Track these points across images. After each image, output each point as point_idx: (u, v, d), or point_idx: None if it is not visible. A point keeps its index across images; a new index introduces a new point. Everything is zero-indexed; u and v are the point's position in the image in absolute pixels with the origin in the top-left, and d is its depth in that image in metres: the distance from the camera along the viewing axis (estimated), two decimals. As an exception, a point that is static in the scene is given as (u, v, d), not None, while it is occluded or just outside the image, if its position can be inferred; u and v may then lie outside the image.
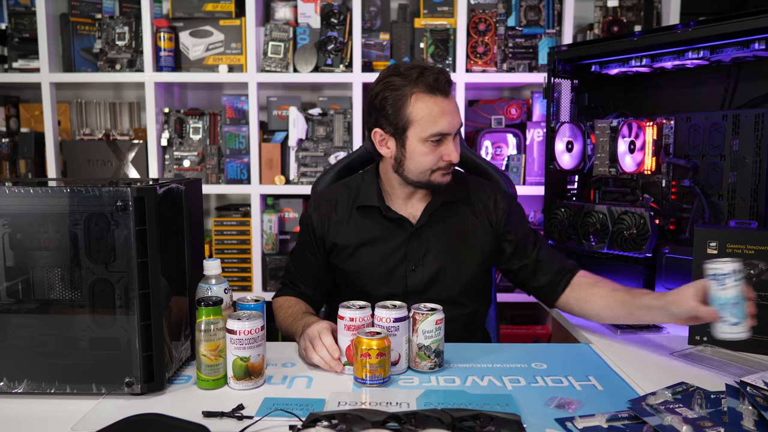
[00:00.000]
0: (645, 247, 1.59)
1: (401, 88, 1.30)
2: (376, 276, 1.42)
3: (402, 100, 1.30)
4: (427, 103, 1.29)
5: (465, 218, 1.45)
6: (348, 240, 1.44)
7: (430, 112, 1.29)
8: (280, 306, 1.46)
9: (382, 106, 1.33)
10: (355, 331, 1.15)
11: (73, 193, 1.04)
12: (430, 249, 1.42)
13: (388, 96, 1.31)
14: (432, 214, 1.42)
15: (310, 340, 1.19)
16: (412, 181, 1.38)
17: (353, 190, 1.47)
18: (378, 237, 1.43)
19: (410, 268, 1.42)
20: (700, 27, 1.49)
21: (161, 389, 1.09)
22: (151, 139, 2.44)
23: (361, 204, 1.44)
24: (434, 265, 1.42)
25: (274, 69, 2.42)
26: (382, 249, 1.43)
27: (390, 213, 1.42)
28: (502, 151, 2.46)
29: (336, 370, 1.16)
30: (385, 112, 1.32)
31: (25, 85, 2.57)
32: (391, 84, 1.31)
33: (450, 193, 1.43)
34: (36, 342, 1.06)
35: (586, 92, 1.90)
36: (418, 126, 1.30)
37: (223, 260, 2.17)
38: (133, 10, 2.50)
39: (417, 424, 0.90)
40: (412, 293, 1.41)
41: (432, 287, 1.42)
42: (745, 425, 0.93)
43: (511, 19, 2.44)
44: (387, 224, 1.43)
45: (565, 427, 0.95)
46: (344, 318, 1.17)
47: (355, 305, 1.19)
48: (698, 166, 1.58)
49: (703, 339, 1.35)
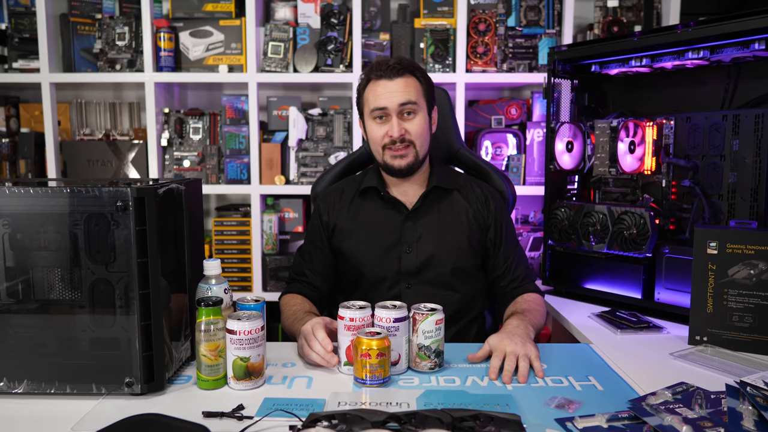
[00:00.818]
0: (645, 247, 1.59)
1: (363, 78, 1.49)
2: (372, 256, 1.50)
3: (361, 87, 1.50)
4: (373, 86, 1.46)
5: (459, 206, 1.54)
6: (347, 222, 1.54)
7: (374, 92, 1.45)
8: (285, 304, 1.50)
9: (357, 96, 1.53)
10: (355, 331, 1.15)
11: (73, 193, 1.04)
12: (424, 232, 1.50)
13: (358, 86, 1.51)
14: (426, 197, 1.51)
15: (305, 337, 1.21)
16: (378, 163, 1.51)
17: (358, 181, 1.60)
18: (375, 218, 1.53)
19: (404, 249, 1.50)
20: (700, 27, 1.49)
21: (161, 389, 1.09)
22: (151, 139, 2.44)
23: (362, 187, 1.55)
24: (427, 248, 1.49)
25: (274, 69, 2.42)
26: (379, 230, 1.52)
27: (387, 194, 1.53)
28: (502, 151, 2.46)
29: (331, 363, 1.16)
30: (358, 101, 1.52)
31: (25, 85, 2.57)
32: (361, 77, 1.51)
33: (443, 180, 1.54)
34: (36, 342, 1.06)
35: (586, 92, 1.90)
36: (367, 106, 1.48)
37: (223, 260, 2.17)
38: (133, 10, 2.50)
39: (417, 424, 0.90)
40: (405, 274, 1.49)
41: (425, 270, 1.49)
42: (745, 425, 0.93)
43: (511, 19, 2.44)
44: (384, 207, 1.53)
45: (565, 427, 0.95)
46: (344, 318, 1.17)
47: (355, 305, 1.20)
48: (698, 166, 1.58)
49: (703, 339, 1.35)
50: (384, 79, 1.43)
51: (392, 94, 1.43)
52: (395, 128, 1.43)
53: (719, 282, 1.33)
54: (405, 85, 1.43)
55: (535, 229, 2.41)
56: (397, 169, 1.46)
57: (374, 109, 1.45)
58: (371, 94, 1.46)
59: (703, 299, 1.35)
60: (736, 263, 1.31)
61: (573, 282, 1.78)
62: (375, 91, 1.44)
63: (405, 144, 1.44)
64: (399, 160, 1.45)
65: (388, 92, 1.43)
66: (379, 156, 1.48)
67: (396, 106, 1.42)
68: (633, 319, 1.52)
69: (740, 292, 1.31)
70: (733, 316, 1.32)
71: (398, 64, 1.44)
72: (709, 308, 1.34)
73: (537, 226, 2.44)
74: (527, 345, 1.21)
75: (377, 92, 1.44)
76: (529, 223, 2.50)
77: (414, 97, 1.43)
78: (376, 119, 1.46)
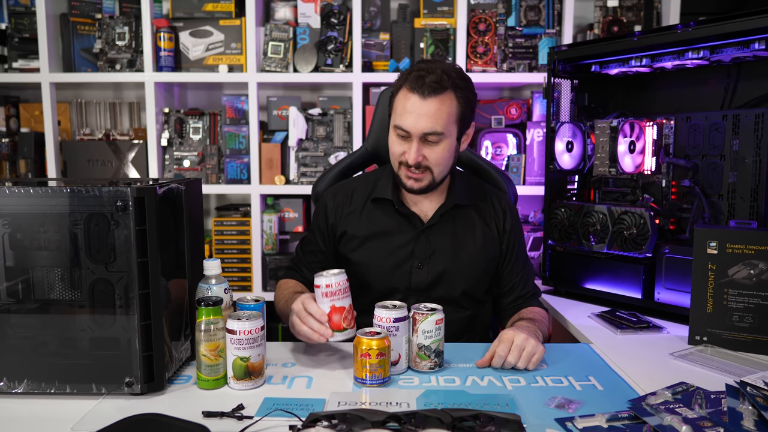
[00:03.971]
0: (645, 247, 1.59)
1: (397, 82, 1.39)
2: (382, 269, 1.44)
3: (395, 89, 1.39)
4: (404, 97, 1.35)
5: (474, 223, 1.48)
6: (358, 230, 1.47)
7: (402, 105, 1.35)
8: (278, 287, 1.48)
9: (390, 94, 1.42)
10: (332, 296, 1.15)
11: (73, 193, 1.04)
12: (438, 249, 1.45)
13: (393, 85, 1.41)
14: (444, 214, 1.45)
15: (296, 313, 1.19)
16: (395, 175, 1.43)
17: (371, 183, 1.51)
18: (388, 231, 1.46)
19: (416, 265, 1.44)
20: (700, 27, 1.49)
21: (161, 389, 1.09)
22: (151, 139, 2.44)
23: (375, 196, 1.47)
24: (440, 265, 1.44)
25: (274, 69, 2.42)
26: (391, 243, 1.45)
27: (402, 208, 1.45)
28: (502, 151, 2.46)
29: (326, 335, 1.15)
30: (390, 100, 1.41)
31: (25, 85, 2.57)
32: (396, 78, 1.40)
33: (463, 196, 1.47)
34: (36, 342, 1.06)
35: (586, 92, 1.90)
36: (393, 115, 1.38)
37: (223, 260, 2.17)
38: (133, 10, 2.50)
39: (417, 424, 0.90)
40: (415, 290, 1.44)
41: (435, 287, 1.44)
42: (745, 425, 0.93)
43: (511, 19, 2.44)
44: (398, 219, 1.46)
45: (565, 427, 0.95)
46: (320, 286, 1.16)
47: (329, 272, 1.18)
48: (698, 166, 1.59)
49: (703, 339, 1.35)
50: (416, 95, 1.31)
51: (419, 118, 1.31)
52: (413, 154, 1.33)
53: (719, 282, 1.33)
54: (437, 108, 1.31)
55: (535, 229, 2.41)
56: (410, 189, 1.40)
57: (398, 125, 1.35)
58: (400, 105, 1.35)
59: (703, 299, 1.35)
60: (736, 263, 1.31)
61: (573, 282, 1.78)
62: (404, 105, 1.33)
63: (421, 170, 1.36)
64: (413, 182, 1.38)
65: (415, 113, 1.32)
66: (395, 168, 1.41)
67: (419, 133, 1.33)
68: (633, 319, 1.52)
69: (740, 292, 1.31)
70: (733, 316, 1.32)
71: (437, 83, 1.31)
72: (709, 308, 1.34)
73: (537, 226, 2.44)
74: (538, 345, 1.21)
75: (406, 108, 1.33)
76: (529, 223, 2.50)
77: (442, 126, 1.32)
78: (398, 135, 1.36)
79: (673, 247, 1.56)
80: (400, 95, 1.35)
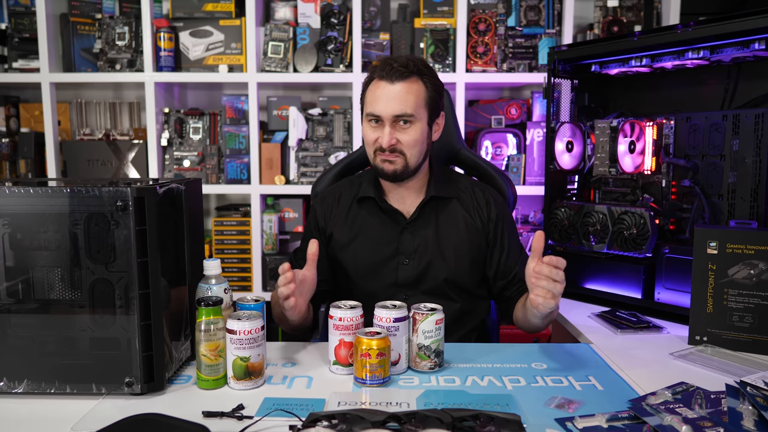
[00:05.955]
0: (645, 247, 1.59)
1: (366, 78, 1.45)
2: (369, 267, 1.47)
3: (365, 84, 1.45)
4: (374, 86, 1.41)
5: (457, 215, 1.50)
6: (344, 231, 1.51)
7: (372, 93, 1.41)
8: (273, 296, 1.46)
9: (361, 92, 1.48)
10: (343, 330, 1.16)
11: (73, 193, 1.04)
12: (422, 243, 1.47)
13: (363, 82, 1.46)
14: (423, 207, 1.48)
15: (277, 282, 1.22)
16: (371, 165, 1.46)
17: (356, 185, 1.55)
18: (372, 229, 1.49)
19: (402, 261, 1.47)
20: (700, 27, 1.49)
21: (161, 389, 1.08)
22: (151, 139, 2.44)
23: (360, 196, 1.51)
24: (425, 259, 1.46)
25: (274, 69, 2.42)
26: (376, 241, 1.48)
27: (385, 205, 1.48)
28: (502, 151, 2.46)
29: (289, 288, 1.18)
30: (361, 96, 1.47)
31: (25, 85, 2.57)
32: (368, 72, 1.46)
33: (442, 188, 1.50)
34: (36, 342, 1.06)
35: (586, 92, 1.90)
36: (365, 106, 1.44)
37: (223, 260, 2.17)
38: (133, 10, 2.50)
39: (417, 424, 0.90)
40: (403, 286, 1.47)
41: (422, 281, 1.46)
42: (745, 425, 0.93)
43: (511, 19, 2.44)
44: (382, 217, 1.49)
45: (565, 427, 0.95)
46: (333, 317, 1.17)
47: (346, 305, 1.20)
48: (698, 166, 1.58)
49: (703, 339, 1.35)
50: (385, 81, 1.37)
51: (388, 102, 1.37)
52: (386, 137, 1.38)
53: (719, 282, 1.33)
54: (406, 91, 1.37)
55: (535, 229, 2.41)
56: (385, 173, 1.43)
57: (368, 114, 1.41)
58: (370, 94, 1.41)
59: (703, 299, 1.35)
60: (736, 263, 1.31)
61: (573, 282, 1.78)
62: (374, 92, 1.39)
63: (396, 153, 1.40)
64: (387, 164, 1.41)
65: (384, 98, 1.37)
66: (371, 158, 1.45)
67: (390, 116, 1.37)
68: (633, 319, 1.52)
69: (740, 292, 1.31)
70: (733, 316, 1.32)
71: (403, 67, 1.37)
72: (709, 308, 1.34)
73: (537, 226, 2.44)
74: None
75: (375, 95, 1.39)
76: (529, 223, 2.50)
77: (411, 108, 1.37)
78: (371, 122, 1.42)
79: (673, 247, 1.56)
80: (371, 86, 1.42)
